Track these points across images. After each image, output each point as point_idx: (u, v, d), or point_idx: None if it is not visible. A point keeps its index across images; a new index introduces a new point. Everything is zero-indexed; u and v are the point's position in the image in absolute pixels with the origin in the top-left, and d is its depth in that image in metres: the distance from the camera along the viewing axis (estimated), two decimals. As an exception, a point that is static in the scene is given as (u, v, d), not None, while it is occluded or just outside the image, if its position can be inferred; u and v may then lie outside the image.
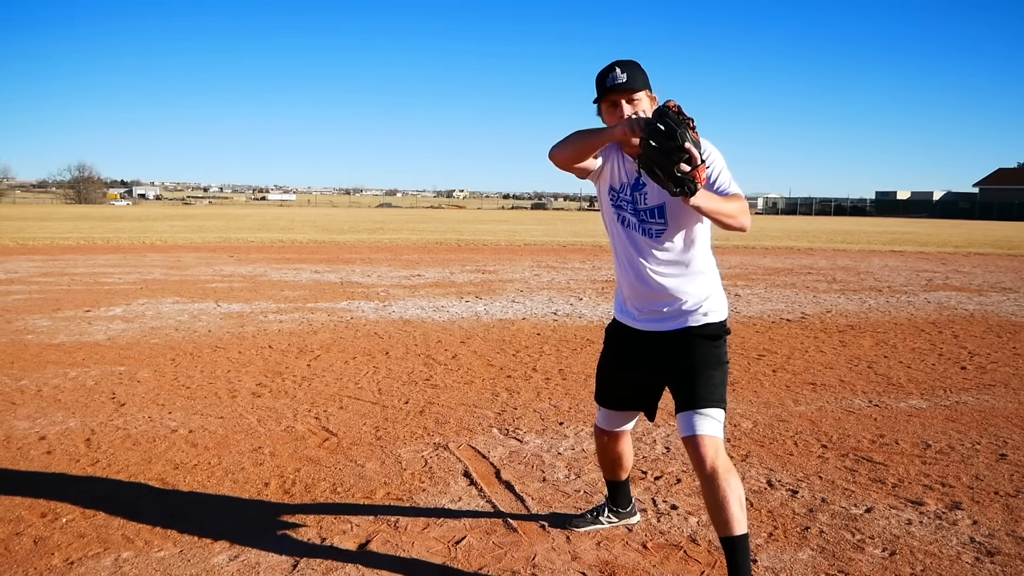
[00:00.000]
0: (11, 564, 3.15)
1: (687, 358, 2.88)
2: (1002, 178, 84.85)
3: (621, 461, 3.42)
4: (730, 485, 2.72)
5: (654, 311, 2.95)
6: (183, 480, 4.10)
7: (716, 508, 2.74)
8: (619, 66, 2.85)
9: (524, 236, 28.24)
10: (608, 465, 3.46)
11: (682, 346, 2.90)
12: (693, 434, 2.79)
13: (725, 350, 2.95)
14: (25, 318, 9.14)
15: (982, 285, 14.26)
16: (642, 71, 2.89)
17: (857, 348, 7.93)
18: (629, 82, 2.82)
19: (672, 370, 2.92)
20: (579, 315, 9.90)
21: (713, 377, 2.86)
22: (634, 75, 2.84)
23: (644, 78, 2.88)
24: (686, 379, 2.86)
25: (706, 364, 2.87)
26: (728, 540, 2.75)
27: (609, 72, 2.84)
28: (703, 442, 2.76)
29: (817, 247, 25.03)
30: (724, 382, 2.90)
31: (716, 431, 2.79)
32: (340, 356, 7.23)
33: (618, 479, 3.50)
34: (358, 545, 3.36)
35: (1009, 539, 3.45)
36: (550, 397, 5.85)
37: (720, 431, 2.81)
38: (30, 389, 5.89)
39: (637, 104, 2.85)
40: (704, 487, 2.78)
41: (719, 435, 2.80)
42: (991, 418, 5.41)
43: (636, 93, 2.84)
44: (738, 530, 2.73)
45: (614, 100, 2.84)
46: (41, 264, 15.74)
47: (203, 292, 11.73)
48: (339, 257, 18.52)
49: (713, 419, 2.80)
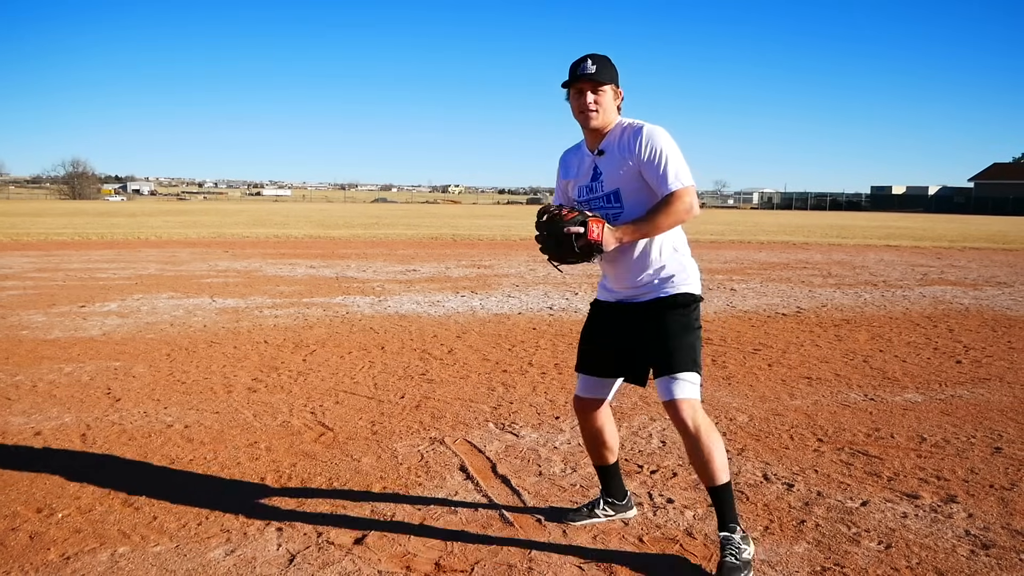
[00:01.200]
0: (7, 559, 3.14)
1: (659, 327, 3.09)
2: (997, 173, 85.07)
3: (603, 437, 3.43)
4: (712, 441, 3.00)
5: (626, 287, 3.17)
6: (179, 475, 4.09)
7: (702, 464, 3.01)
8: (591, 58, 3.10)
9: (520, 231, 28.23)
10: (591, 444, 3.47)
11: (654, 316, 3.11)
12: (672, 398, 3.02)
13: (695, 316, 3.15)
14: (20, 314, 9.12)
15: (977, 279, 14.30)
16: (612, 67, 3.13)
17: (852, 342, 7.95)
18: (597, 74, 3.07)
19: (646, 339, 3.12)
20: (575, 309, 9.90)
21: (684, 342, 3.06)
22: (603, 69, 3.08)
23: (612, 73, 3.11)
24: (660, 346, 3.07)
25: (678, 331, 3.07)
26: (714, 489, 3.06)
27: (581, 63, 3.09)
28: (681, 405, 3.00)
29: (812, 242, 25.07)
30: (696, 347, 3.10)
31: (692, 393, 3.02)
32: (336, 351, 7.23)
33: (606, 462, 3.50)
34: (354, 539, 3.35)
35: (1004, 532, 3.46)
36: (546, 392, 5.85)
37: (696, 393, 3.04)
38: (25, 385, 5.88)
39: (601, 95, 3.09)
40: (688, 446, 3.04)
41: (696, 396, 3.03)
42: (986, 412, 5.42)
43: (602, 86, 3.08)
44: (722, 479, 3.03)
45: (580, 88, 3.09)
46: (35, 260, 15.69)
47: (198, 287, 11.71)
48: (334, 252, 18.50)
49: (688, 382, 3.02)
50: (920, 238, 27.95)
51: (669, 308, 3.10)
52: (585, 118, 3.12)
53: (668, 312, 3.09)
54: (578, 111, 3.13)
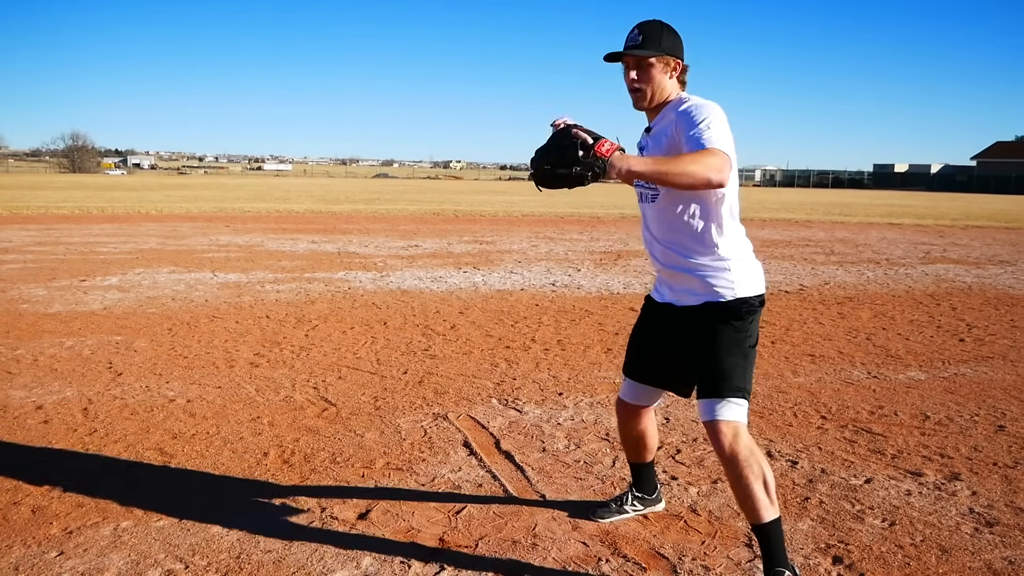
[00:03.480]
0: (9, 533, 3.14)
1: (708, 342, 2.72)
2: (1000, 151, 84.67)
3: (644, 440, 3.23)
4: (752, 471, 2.61)
5: (673, 285, 2.83)
6: (181, 449, 4.09)
7: (740, 497, 2.67)
8: (639, 27, 2.73)
9: (522, 207, 28.14)
10: (631, 445, 3.27)
11: (703, 327, 2.74)
12: (711, 419, 2.68)
13: (751, 331, 2.75)
14: (20, 287, 9.10)
15: (980, 258, 14.25)
16: (667, 35, 2.73)
17: (855, 320, 7.93)
18: (640, 46, 2.69)
19: (693, 353, 2.77)
20: (577, 286, 9.87)
21: (734, 362, 2.69)
22: (650, 39, 2.70)
23: (665, 43, 2.72)
24: (707, 364, 2.72)
25: (729, 349, 2.70)
26: (758, 528, 2.69)
27: (630, 34, 2.73)
28: (720, 428, 2.65)
29: (815, 219, 24.99)
30: (748, 367, 2.73)
31: (735, 415, 2.67)
32: (338, 326, 7.21)
33: (642, 461, 3.31)
34: (358, 514, 3.35)
35: (1008, 510, 3.46)
36: (549, 368, 5.84)
37: (741, 416, 2.68)
38: (26, 358, 5.86)
39: (647, 71, 2.71)
40: (727, 474, 2.70)
41: (739, 419, 2.67)
42: (989, 390, 5.41)
43: (647, 60, 2.70)
44: (766, 516, 2.65)
45: (626, 62, 2.74)
46: (36, 233, 15.65)
47: (199, 262, 11.68)
48: (336, 227, 18.44)
49: (734, 404, 2.67)
50: (923, 216, 27.86)
51: (721, 319, 2.71)
52: (632, 97, 2.77)
53: (720, 324, 2.71)
54: (628, 89, 2.77)
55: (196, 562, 2.93)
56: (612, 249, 14.54)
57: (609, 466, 3.93)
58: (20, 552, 2.99)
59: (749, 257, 2.80)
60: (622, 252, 13.97)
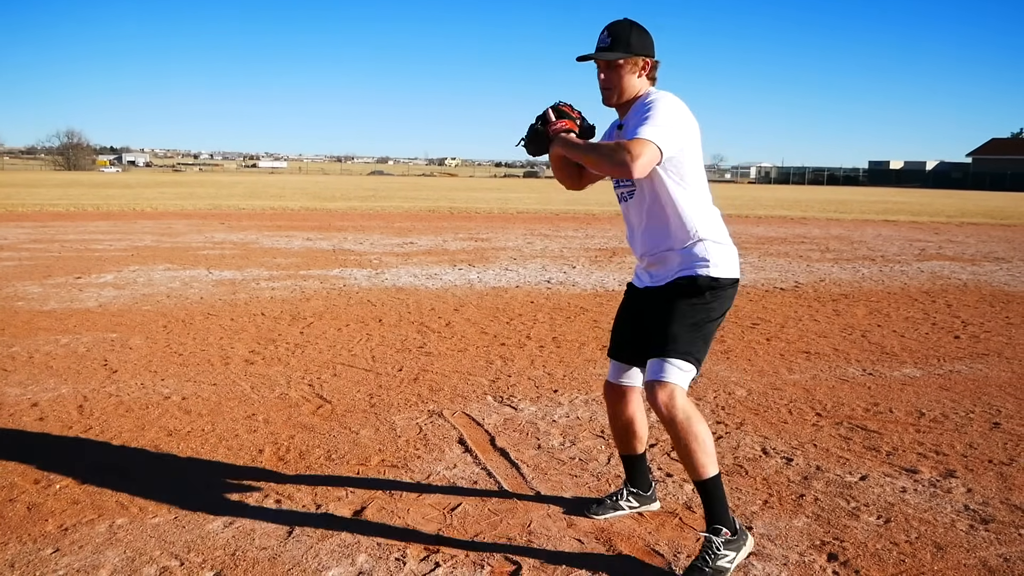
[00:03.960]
0: (5, 530, 3.13)
1: (664, 309, 2.87)
2: (995, 148, 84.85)
3: (633, 427, 3.25)
4: (691, 431, 2.75)
5: (648, 269, 2.99)
6: (177, 447, 4.08)
7: (682, 455, 2.81)
8: (609, 29, 2.80)
9: (517, 204, 28.14)
10: (621, 433, 3.29)
11: (665, 298, 2.89)
12: (649, 379, 2.80)
13: (711, 306, 2.86)
14: (15, 285, 9.07)
15: (975, 255, 14.28)
16: (636, 34, 2.80)
17: (851, 317, 7.94)
18: (610, 48, 2.79)
19: (651, 320, 2.91)
20: (572, 283, 9.87)
21: (687, 329, 2.81)
22: (618, 41, 2.78)
23: (633, 43, 2.79)
24: (660, 327, 2.84)
25: (685, 317, 2.82)
26: (698, 484, 2.85)
27: (601, 33, 2.82)
28: (656, 388, 2.77)
29: (810, 216, 25.01)
30: (700, 338, 2.84)
31: (676, 379, 2.77)
32: (333, 323, 7.20)
33: (633, 452, 3.32)
34: (353, 512, 3.35)
35: (1003, 507, 3.46)
36: (544, 365, 5.84)
37: (682, 380, 2.78)
38: (21, 356, 5.85)
39: (615, 72, 2.81)
40: (669, 435, 2.82)
41: (679, 383, 2.77)
42: (984, 387, 5.42)
43: (616, 62, 2.79)
44: (705, 473, 2.80)
45: (597, 63, 2.84)
46: (31, 231, 15.60)
47: (194, 259, 11.66)
48: (331, 224, 18.42)
49: (676, 368, 2.78)
50: (918, 213, 27.90)
51: (683, 291, 2.84)
52: (602, 95, 2.89)
53: (680, 295, 2.84)
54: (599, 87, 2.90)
55: (191, 559, 2.93)
56: (607, 246, 14.54)
57: (604, 463, 3.93)
58: (16, 549, 2.99)
59: (724, 239, 2.93)
60: (617, 249, 13.97)
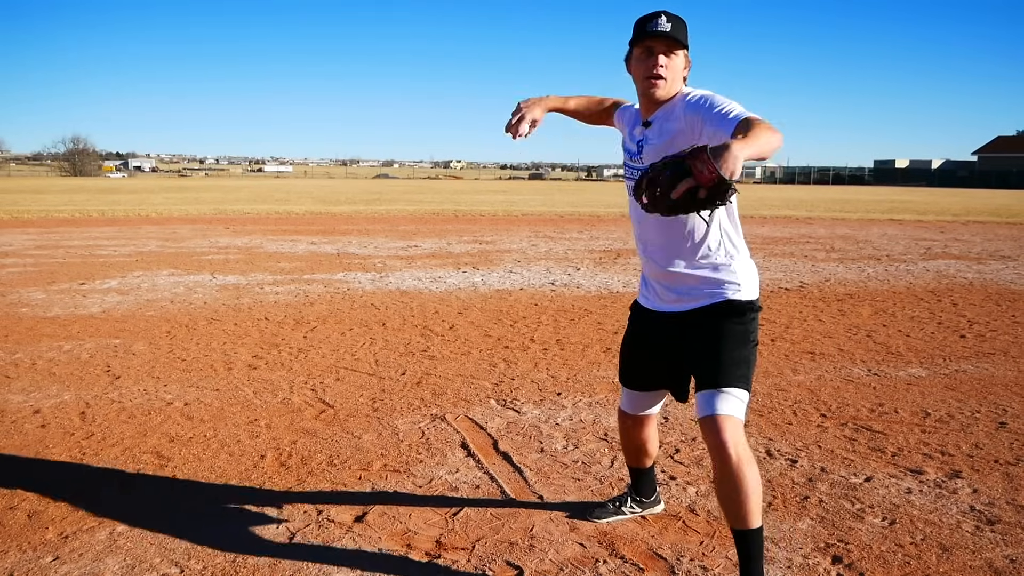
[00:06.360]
0: (5, 538, 3.12)
1: (711, 334, 2.64)
2: (1001, 146, 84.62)
3: (646, 447, 3.19)
4: (749, 473, 2.48)
5: (673, 286, 2.73)
6: (179, 453, 4.07)
7: (732, 497, 2.51)
8: (666, 15, 2.62)
9: (521, 206, 28.12)
10: (632, 451, 3.23)
11: (706, 323, 2.66)
12: (712, 413, 2.53)
13: (753, 327, 2.68)
14: (19, 291, 9.09)
15: (981, 253, 14.22)
16: (687, 31, 2.67)
17: (856, 317, 7.90)
18: (673, 32, 2.60)
19: (693, 349, 2.67)
20: (577, 285, 9.85)
21: (738, 355, 2.60)
22: (679, 29, 2.62)
23: (687, 39, 2.66)
24: (709, 355, 2.61)
25: (733, 341, 2.61)
26: (741, 534, 2.57)
27: (654, 18, 2.61)
28: (723, 422, 2.51)
29: (815, 216, 24.95)
30: (751, 362, 2.64)
31: (737, 411, 2.55)
32: (336, 327, 7.19)
33: (642, 466, 3.28)
34: (354, 517, 3.33)
35: (1009, 507, 3.43)
36: (548, 368, 5.82)
37: (742, 413, 2.57)
38: (24, 362, 5.85)
39: (673, 59, 2.62)
40: (719, 473, 2.53)
41: (741, 417, 2.56)
42: (990, 386, 5.39)
43: (676, 49, 2.63)
44: (754, 522, 2.53)
45: (650, 47, 2.62)
46: (36, 237, 15.64)
47: (199, 264, 11.67)
48: (335, 228, 18.43)
49: (736, 398, 2.56)
50: (923, 212, 27.82)
51: (724, 315, 2.64)
52: (649, 85, 2.63)
53: (723, 319, 2.64)
54: (643, 76, 2.64)
55: (192, 566, 2.92)
56: (612, 248, 14.52)
57: (607, 466, 3.91)
58: (16, 557, 2.98)
59: (748, 258, 2.75)
60: (621, 251, 13.95)
